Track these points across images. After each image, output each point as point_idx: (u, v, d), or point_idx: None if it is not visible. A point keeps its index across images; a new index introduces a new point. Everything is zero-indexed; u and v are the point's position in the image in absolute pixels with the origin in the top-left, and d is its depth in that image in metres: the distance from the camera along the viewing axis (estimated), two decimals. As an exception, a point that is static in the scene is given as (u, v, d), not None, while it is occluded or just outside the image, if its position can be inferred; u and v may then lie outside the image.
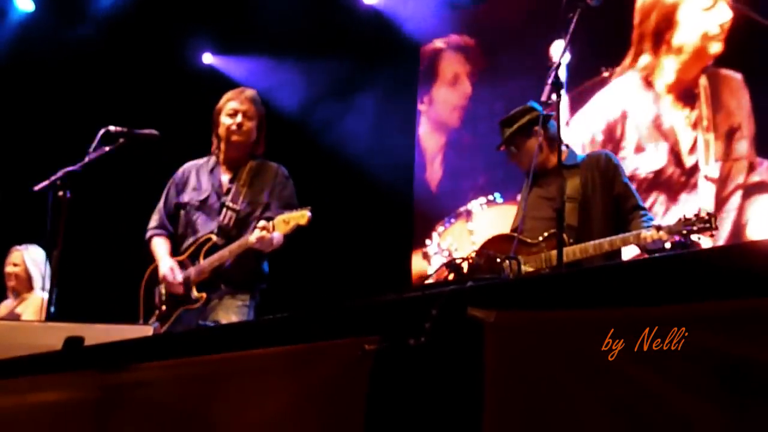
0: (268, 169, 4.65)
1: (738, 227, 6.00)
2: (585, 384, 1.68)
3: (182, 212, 4.69)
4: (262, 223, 4.32)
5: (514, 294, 1.90)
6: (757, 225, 5.92)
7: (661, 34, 6.74)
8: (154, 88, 7.43)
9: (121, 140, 4.58)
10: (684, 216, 3.97)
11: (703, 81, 6.39)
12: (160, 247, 4.67)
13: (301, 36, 8.23)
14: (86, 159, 4.49)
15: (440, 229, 7.96)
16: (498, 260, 3.24)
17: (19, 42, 8.06)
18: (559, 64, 3.92)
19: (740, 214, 6.01)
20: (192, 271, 4.50)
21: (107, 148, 4.55)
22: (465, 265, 2.52)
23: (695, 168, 6.32)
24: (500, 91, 7.63)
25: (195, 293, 4.45)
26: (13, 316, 5.94)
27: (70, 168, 4.46)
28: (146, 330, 3.64)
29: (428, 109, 8.42)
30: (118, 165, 5.03)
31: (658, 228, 4.01)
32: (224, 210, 4.54)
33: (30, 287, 6.07)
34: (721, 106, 6.27)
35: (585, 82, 7.09)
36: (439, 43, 8.44)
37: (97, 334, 3.26)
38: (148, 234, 4.74)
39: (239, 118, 4.61)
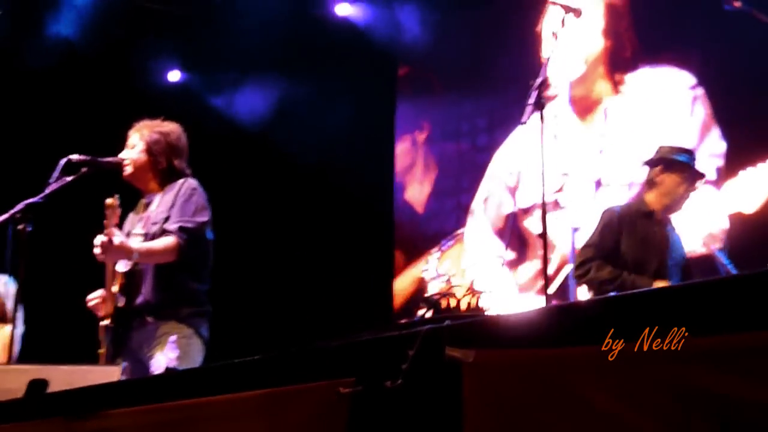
0: (174, 187, 4.60)
1: None
2: (566, 424, 1.70)
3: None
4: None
5: (493, 332, 1.92)
6: None
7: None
8: (117, 111, 7.44)
9: (84, 169, 4.57)
10: None
11: None
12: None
13: (272, 49, 8.24)
14: (47, 190, 4.49)
15: (436, 252, 7.95)
16: None
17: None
18: (541, 83, 3.95)
19: None
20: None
21: (69, 178, 4.53)
22: (444, 302, 2.54)
23: None
24: (484, 107, 7.70)
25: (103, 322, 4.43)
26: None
27: (31, 200, 4.45)
28: (113, 371, 3.64)
29: (408, 126, 8.44)
30: (81, 195, 5.01)
31: None
32: (132, 239, 4.48)
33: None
34: None
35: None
36: (415, 61, 8.46)
37: (62, 376, 3.26)
38: None
39: (125, 153, 4.63)
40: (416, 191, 8.23)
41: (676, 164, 4.81)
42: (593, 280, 4.77)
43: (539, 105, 3.87)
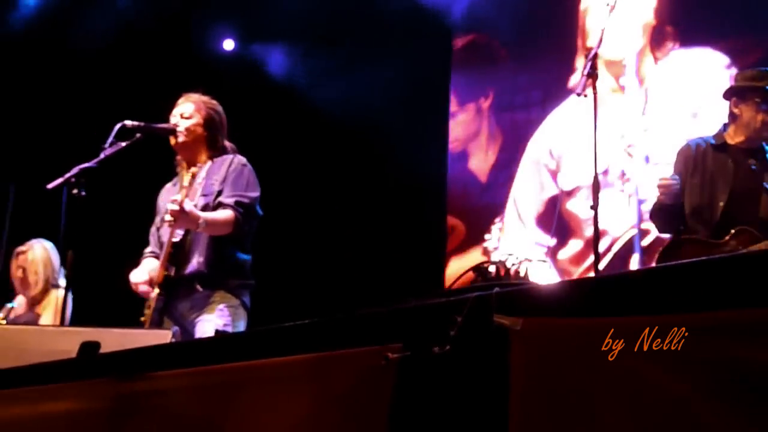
0: (224, 161, 4.68)
1: None
2: (612, 393, 1.70)
3: (156, 237, 4.78)
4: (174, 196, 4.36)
5: (541, 300, 1.92)
6: None
7: None
8: (171, 79, 7.51)
9: (138, 135, 4.65)
10: None
11: None
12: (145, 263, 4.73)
13: (328, 22, 8.26)
14: (102, 155, 4.56)
15: (498, 223, 7.90)
16: None
17: (33, 30, 8.14)
18: (596, 54, 3.91)
19: None
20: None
21: (123, 144, 4.61)
22: (493, 269, 2.54)
23: None
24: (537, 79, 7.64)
25: (153, 292, 4.50)
26: (31, 318, 6.03)
27: (85, 164, 4.53)
28: (164, 335, 3.69)
29: (472, 94, 8.36)
30: (135, 160, 5.09)
31: None
32: None
33: (44, 287, 6.14)
34: None
35: None
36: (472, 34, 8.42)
37: (114, 339, 3.33)
38: (143, 258, 4.80)
39: (178, 121, 4.70)
40: (480, 160, 8.18)
41: (748, 92, 4.49)
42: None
43: (593, 76, 3.83)
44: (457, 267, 7.98)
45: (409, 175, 8.03)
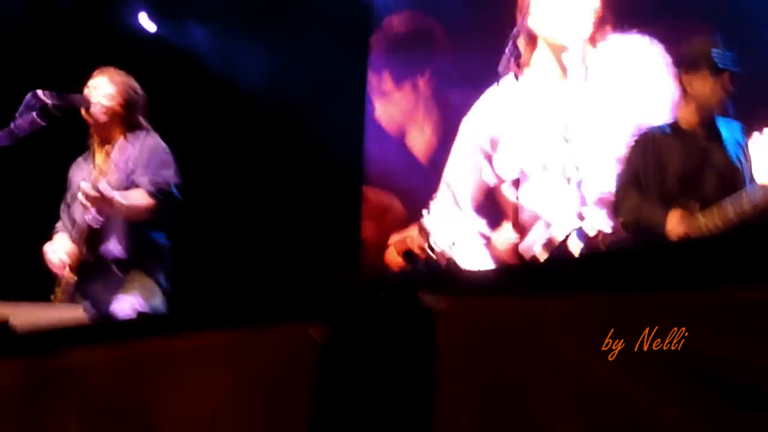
0: (138, 138, 4.65)
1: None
2: (537, 373, 1.73)
3: (67, 213, 4.71)
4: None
5: (467, 280, 1.95)
6: None
7: None
8: (85, 51, 7.35)
9: (50, 103, 4.53)
10: None
11: None
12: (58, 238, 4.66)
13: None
14: (12, 126, 4.45)
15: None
16: None
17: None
18: (518, 32, 3.95)
19: None
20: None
21: (39, 120, 4.50)
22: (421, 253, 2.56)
23: None
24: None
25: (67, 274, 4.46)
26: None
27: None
28: (75, 310, 3.65)
29: (408, 71, 8.35)
30: (46, 131, 4.98)
31: None
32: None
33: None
34: None
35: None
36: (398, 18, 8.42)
37: (23, 313, 3.27)
38: (54, 232, 4.72)
39: (93, 95, 4.65)
40: (419, 140, 8.17)
41: (698, 60, 4.25)
42: (619, 210, 4.43)
43: (516, 56, 3.86)
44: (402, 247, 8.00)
45: (327, 152, 8.01)
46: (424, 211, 7.85)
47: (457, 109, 7.90)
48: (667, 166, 4.28)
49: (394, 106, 8.34)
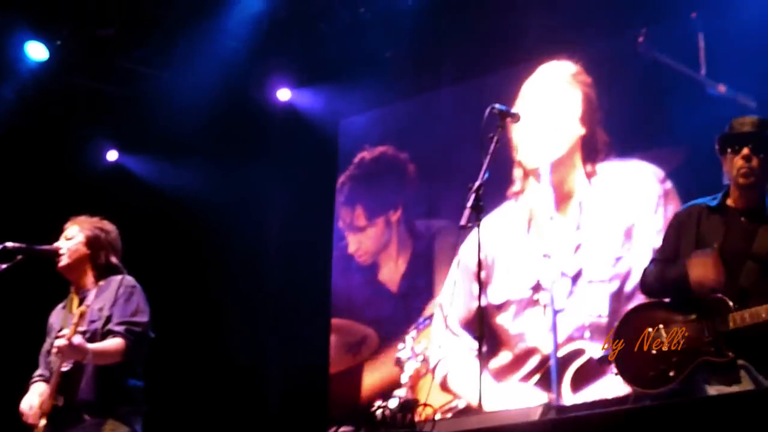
0: (111, 284, 4.66)
1: None
2: None
3: (45, 358, 4.70)
4: (63, 331, 4.34)
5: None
6: None
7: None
8: (53, 194, 7.43)
9: (19, 257, 4.59)
10: None
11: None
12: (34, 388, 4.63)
13: (210, 132, 8.30)
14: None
15: (412, 332, 7.94)
16: None
17: None
18: (480, 186, 4.02)
19: None
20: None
21: (4, 266, 4.54)
22: (379, 413, 2.58)
23: None
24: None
25: (41, 423, 4.42)
26: None
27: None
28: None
29: (382, 207, 8.50)
30: (22, 280, 5.02)
31: None
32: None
33: None
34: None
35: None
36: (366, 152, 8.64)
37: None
38: (31, 382, 4.71)
39: (61, 243, 4.69)
40: (391, 271, 8.26)
41: (721, 141, 4.15)
42: (645, 284, 4.26)
43: (477, 208, 3.92)
44: (372, 377, 8.07)
45: (294, 286, 8.06)
46: (400, 345, 7.90)
47: (427, 240, 8.06)
48: (706, 243, 4.09)
49: (367, 240, 8.47)
